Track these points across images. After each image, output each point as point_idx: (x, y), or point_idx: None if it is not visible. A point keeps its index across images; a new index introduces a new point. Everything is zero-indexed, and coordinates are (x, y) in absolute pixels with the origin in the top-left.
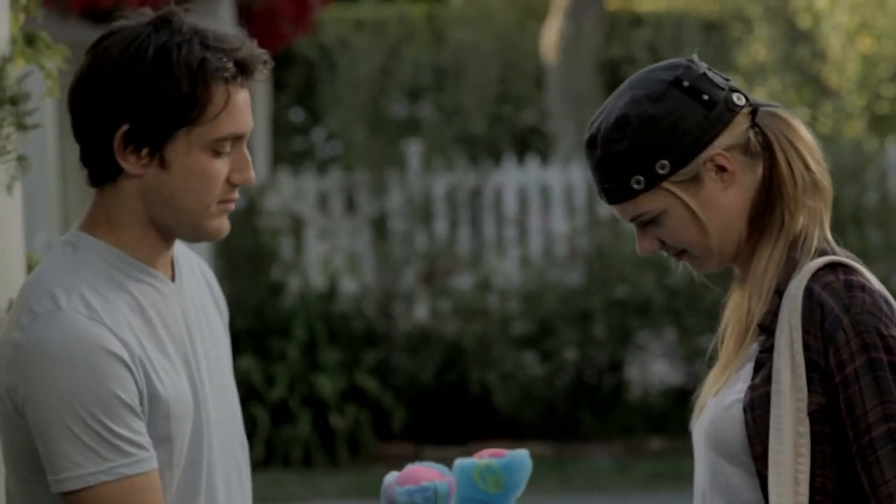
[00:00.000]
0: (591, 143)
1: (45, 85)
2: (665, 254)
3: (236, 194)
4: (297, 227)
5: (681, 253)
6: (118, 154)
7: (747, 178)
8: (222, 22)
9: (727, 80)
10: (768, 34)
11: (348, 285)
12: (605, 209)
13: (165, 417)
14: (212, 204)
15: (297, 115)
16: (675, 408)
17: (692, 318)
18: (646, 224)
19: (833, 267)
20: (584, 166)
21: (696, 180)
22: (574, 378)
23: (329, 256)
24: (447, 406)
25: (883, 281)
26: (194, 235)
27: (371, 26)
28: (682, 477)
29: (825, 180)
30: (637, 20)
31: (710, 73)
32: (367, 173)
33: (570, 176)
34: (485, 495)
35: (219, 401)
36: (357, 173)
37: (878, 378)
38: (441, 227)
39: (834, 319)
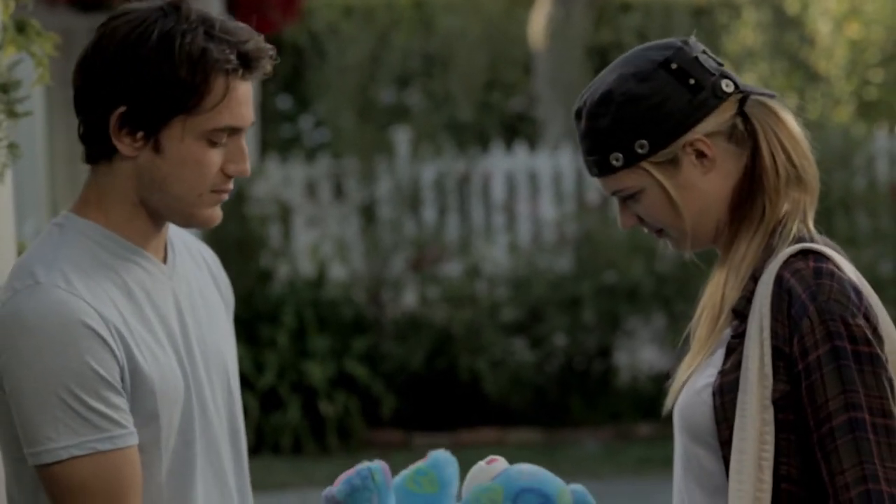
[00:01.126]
0: (577, 115)
1: (35, 72)
2: (645, 230)
3: (230, 185)
4: (285, 214)
5: (659, 231)
6: (113, 134)
7: (729, 165)
8: (210, 9)
9: (720, 65)
10: (756, 20)
11: (337, 272)
12: (594, 195)
13: (151, 394)
14: (203, 192)
15: (284, 102)
16: (664, 393)
17: (681, 303)
18: (626, 200)
19: (805, 254)
20: (573, 152)
21: (674, 163)
22: (563, 364)
23: (318, 243)
24: (437, 393)
25: (871, 267)
26: (185, 222)
27: (360, 13)
28: (672, 462)
29: (811, 174)
30: (626, 6)
31: (702, 57)
32: (356, 160)
33: (558, 162)
34: (425, 498)
35: (215, 385)
36: (345, 160)
37: (841, 367)
38: (430, 213)
39: (800, 306)
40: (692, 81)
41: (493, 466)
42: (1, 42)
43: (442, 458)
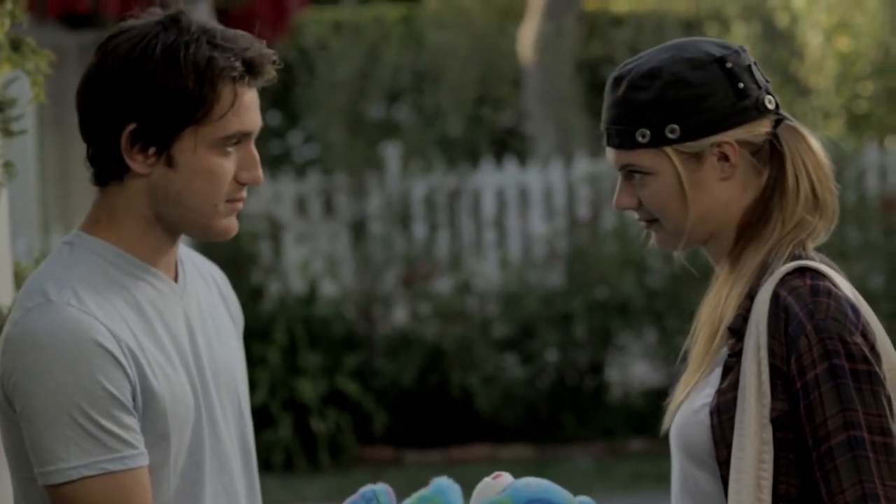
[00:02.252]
0: (617, 82)
1: (29, 90)
2: (637, 217)
3: (244, 193)
4: (275, 230)
5: (651, 222)
6: (125, 153)
7: (746, 179)
8: None
9: (767, 81)
10: (746, 33)
11: (328, 289)
12: (584, 210)
13: (162, 414)
14: (219, 203)
15: (273, 118)
16: (656, 409)
17: (672, 318)
18: (632, 179)
19: (802, 271)
20: (563, 167)
21: (697, 158)
22: (555, 380)
23: (308, 260)
24: (428, 409)
25: (861, 280)
26: (203, 234)
27: (349, 29)
28: (664, 478)
29: (830, 203)
30: (616, 20)
31: (754, 69)
32: (346, 176)
33: (549, 177)
34: None
35: (226, 405)
36: (335, 176)
37: (839, 385)
38: (420, 229)
39: (797, 324)
40: (741, 86)
41: (499, 482)
42: None
43: (446, 485)
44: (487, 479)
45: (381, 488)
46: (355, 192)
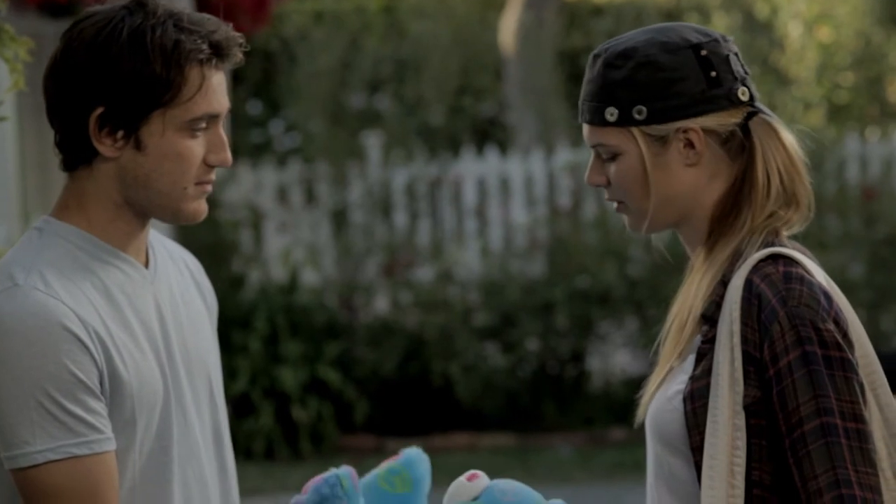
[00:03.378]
0: (594, 58)
1: (7, 79)
2: (606, 196)
3: (213, 175)
4: (256, 219)
5: (620, 203)
6: (93, 137)
7: (713, 168)
8: None
9: (747, 73)
10: (727, 24)
11: (309, 277)
12: (565, 200)
13: (129, 398)
14: (188, 185)
15: (255, 107)
16: (637, 398)
17: (653, 307)
18: (602, 157)
19: (775, 258)
20: (544, 157)
21: (662, 141)
22: (536, 369)
23: (289, 249)
24: (409, 398)
25: (842, 270)
26: (172, 218)
27: (330, 18)
28: (644, 467)
29: (803, 195)
30: (597, 10)
31: (732, 58)
32: (327, 165)
33: (530, 167)
34: (398, 498)
35: (199, 391)
36: (317, 165)
37: (812, 372)
38: (401, 218)
39: (770, 311)
40: (713, 74)
41: (474, 484)
42: None
43: (414, 456)
44: (462, 480)
45: (345, 472)
46: (336, 182)
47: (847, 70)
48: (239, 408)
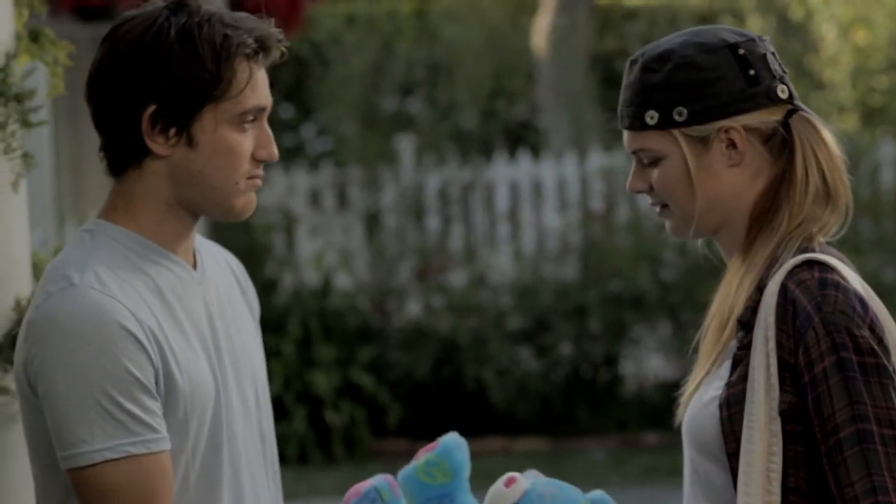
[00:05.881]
0: (632, 64)
1: (46, 81)
2: (650, 201)
3: (261, 170)
4: (289, 223)
5: (664, 207)
6: (146, 135)
7: (756, 168)
8: None
9: (784, 72)
10: (761, 26)
11: (342, 281)
12: (597, 203)
13: (182, 399)
14: (240, 180)
15: (287, 111)
16: (670, 402)
17: (687, 312)
18: (644, 163)
19: (810, 264)
20: (576, 160)
21: (704, 142)
22: (569, 373)
23: (322, 252)
24: (443, 402)
25: (875, 274)
26: (223, 214)
27: (362, 22)
28: (678, 471)
29: (842, 195)
30: (630, 14)
31: (770, 57)
32: (359, 169)
33: (562, 170)
34: (440, 489)
35: (246, 392)
36: (349, 169)
37: (847, 378)
38: (434, 222)
39: (805, 318)
40: (752, 73)
41: (511, 490)
42: (15, 51)
43: (451, 443)
44: (500, 486)
45: (384, 483)
46: (369, 185)
47: (881, 73)
48: (272, 412)
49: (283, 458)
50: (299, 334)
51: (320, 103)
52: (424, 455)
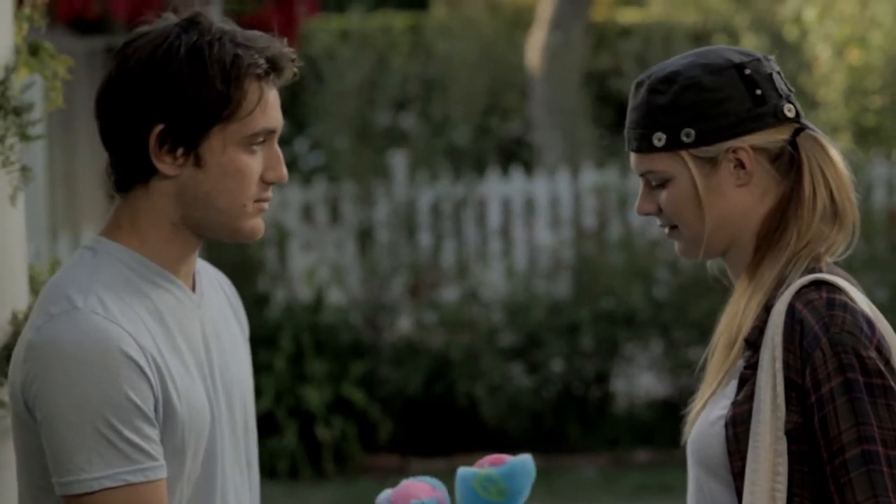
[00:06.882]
0: (638, 86)
1: (44, 95)
2: (659, 223)
3: (269, 193)
4: (282, 237)
5: (673, 228)
6: (153, 155)
7: (764, 187)
8: None
9: (791, 91)
10: (755, 45)
11: (334, 296)
12: (590, 221)
13: (180, 426)
14: (248, 203)
15: None
16: (662, 420)
17: (679, 330)
18: (652, 185)
19: (818, 284)
20: (569, 177)
21: (713, 163)
22: (561, 390)
23: (314, 267)
24: (434, 418)
25: (867, 294)
26: (231, 236)
27: (357, 37)
28: (669, 489)
29: (849, 214)
30: (625, 31)
31: (775, 76)
32: (352, 184)
33: (555, 187)
34: None
35: (236, 416)
36: (342, 184)
37: (854, 399)
38: (426, 238)
39: (812, 338)
40: (758, 92)
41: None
42: (14, 64)
43: (518, 468)
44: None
45: (432, 501)
46: (362, 200)
47: (875, 93)
48: (263, 426)
49: (274, 473)
50: (291, 349)
51: (314, 118)
52: (489, 466)
